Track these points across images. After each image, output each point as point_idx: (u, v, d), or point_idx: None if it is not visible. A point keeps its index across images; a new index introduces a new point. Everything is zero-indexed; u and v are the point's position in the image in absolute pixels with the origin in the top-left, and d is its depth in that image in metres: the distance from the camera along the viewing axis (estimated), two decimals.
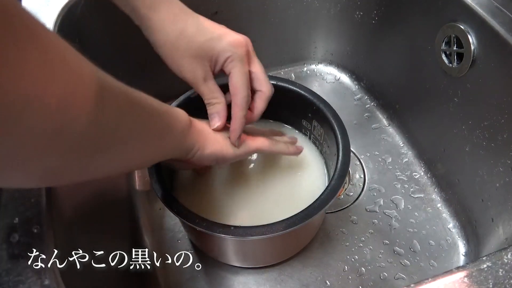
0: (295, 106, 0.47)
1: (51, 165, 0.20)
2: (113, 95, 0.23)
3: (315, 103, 0.45)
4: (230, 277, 0.46)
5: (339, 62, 0.68)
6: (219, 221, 0.36)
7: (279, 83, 0.46)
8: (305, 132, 0.50)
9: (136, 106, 0.27)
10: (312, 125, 0.48)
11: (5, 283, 0.25)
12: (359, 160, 0.58)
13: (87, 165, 0.22)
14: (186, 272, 0.46)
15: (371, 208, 0.53)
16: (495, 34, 0.41)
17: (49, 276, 0.26)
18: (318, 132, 0.47)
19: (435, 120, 0.53)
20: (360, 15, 0.61)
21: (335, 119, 0.43)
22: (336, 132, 0.42)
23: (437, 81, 0.51)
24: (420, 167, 0.57)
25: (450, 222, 0.51)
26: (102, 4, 0.50)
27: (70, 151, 0.20)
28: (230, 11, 0.59)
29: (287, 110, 0.49)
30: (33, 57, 0.16)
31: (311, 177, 0.47)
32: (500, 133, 0.43)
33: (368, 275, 0.47)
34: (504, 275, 0.28)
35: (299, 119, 0.49)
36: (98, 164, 0.23)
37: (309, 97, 0.45)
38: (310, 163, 0.48)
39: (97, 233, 0.40)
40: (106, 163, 0.24)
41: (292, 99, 0.46)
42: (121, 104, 0.24)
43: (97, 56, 0.55)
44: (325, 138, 0.46)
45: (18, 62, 0.15)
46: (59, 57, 0.18)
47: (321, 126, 0.46)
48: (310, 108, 0.46)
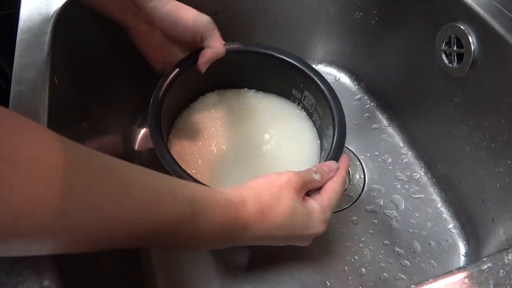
0: (285, 76, 0.48)
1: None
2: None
3: (309, 75, 0.46)
4: (229, 277, 0.46)
5: (339, 62, 0.68)
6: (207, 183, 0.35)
7: (268, 51, 0.47)
8: (293, 100, 0.52)
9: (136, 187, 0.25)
10: (303, 95, 0.49)
11: (4, 283, 0.25)
12: (359, 160, 0.57)
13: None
14: (187, 272, 0.46)
15: (371, 209, 0.53)
16: (496, 34, 0.41)
17: (49, 276, 0.26)
18: (309, 102, 0.49)
19: (435, 120, 0.53)
20: (360, 15, 0.61)
21: (330, 92, 0.45)
22: (331, 105, 0.44)
23: (437, 82, 0.51)
24: (420, 168, 0.57)
25: (451, 222, 0.51)
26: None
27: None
28: (230, 11, 0.59)
29: (276, 78, 0.50)
30: None
31: (304, 146, 0.49)
32: (500, 134, 0.43)
33: (368, 276, 0.47)
34: (504, 276, 0.28)
35: (289, 88, 0.50)
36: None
37: (302, 68, 0.46)
38: (302, 130, 0.50)
39: None
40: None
41: (283, 68, 0.47)
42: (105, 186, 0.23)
43: (94, 56, 0.55)
44: (316, 108, 0.48)
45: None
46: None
47: (313, 96, 0.47)
48: (303, 79, 0.47)
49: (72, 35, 0.47)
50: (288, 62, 0.47)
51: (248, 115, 0.51)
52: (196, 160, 0.46)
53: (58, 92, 0.40)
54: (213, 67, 0.43)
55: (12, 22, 0.46)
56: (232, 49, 0.46)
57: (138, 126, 0.60)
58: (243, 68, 0.50)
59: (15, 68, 0.39)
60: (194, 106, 0.52)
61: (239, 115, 0.51)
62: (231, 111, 0.51)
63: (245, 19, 0.61)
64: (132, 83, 0.57)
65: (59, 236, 0.21)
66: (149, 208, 0.25)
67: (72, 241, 0.22)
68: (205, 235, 0.28)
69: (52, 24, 0.44)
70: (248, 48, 0.47)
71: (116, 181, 0.23)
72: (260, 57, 0.48)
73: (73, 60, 0.47)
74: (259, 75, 0.51)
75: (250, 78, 0.52)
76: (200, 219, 0.27)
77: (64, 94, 0.42)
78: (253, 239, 0.32)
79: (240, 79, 0.52)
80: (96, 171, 0.22)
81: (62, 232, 0.21)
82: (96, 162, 0.23)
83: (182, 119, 0.50)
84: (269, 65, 0.48)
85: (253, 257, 0.48)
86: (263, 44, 0.48)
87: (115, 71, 0.55)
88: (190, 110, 0.51)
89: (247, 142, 0.49)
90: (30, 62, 0.40)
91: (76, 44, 0.48)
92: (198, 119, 0.50)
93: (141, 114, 0.61)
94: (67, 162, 0.20)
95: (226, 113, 0.51)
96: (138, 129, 0.60)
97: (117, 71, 0.55)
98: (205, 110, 0.51)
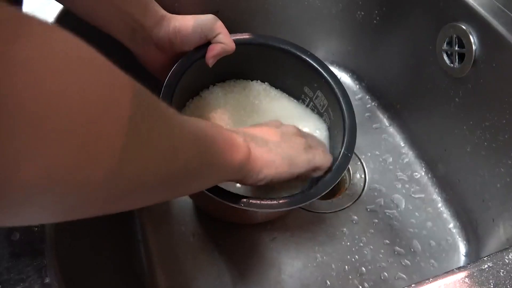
0: (300, 73, 0.48)
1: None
2: (155, 115, 0.20)
3: (326, 77, 0.46)
4: (230, 276, 0.46)
5: (340, 62, 0.68)
6: None
7: (285, 47, 0.47)
8: (304, 98, 0.51)
9: (190, 131, 0.24)
10: (316, 94, 0.49)
11: (6, 281, 0.25)
12: (360, 160, 0.58)
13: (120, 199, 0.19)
14: (187, 271, 0.46)
15: (372, 208, 0.53)
16: (497, 34, 0.41)
17: (50, 274, 0.26)
18: (321, 103, 0.48)
19: (436, 120, 0.53)
20: (362, 15, 0.61)
21: (344, 97, 0.44)
22: (343, 111, 0.44)
23: (438, 81, 0.51)
24: (421, 167, 0.57)
25: (451, 222, 0.51)
26: None
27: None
28: (231, 10, 0.59)
29: (289, 74, 0.50)
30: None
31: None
32: (501, 134, 0.43)
33: (369, 275, 0.47)
34: (505, 276, 0.28)
35: (302, 85, 0.50)
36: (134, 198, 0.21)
37: (319, 68, 0.46)
38: (313, 129, 0.50)
39: (99, 230, 0.40)
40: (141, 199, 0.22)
41: (298, 66, 0.47)
42: (167, 129, 0.21)
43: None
44: (327, 110, 0.48)
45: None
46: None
47: (325, 98, 0.47)
48: (318, 79, 0.47)
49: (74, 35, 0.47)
50: (304, 61, 0.47)
51: (257, 108, 0.51)
52: None
53: None
54: (225, 58, 0.43)
55: None
56: (247, 40, 0.46)
57: None
58: (257, 61, 0.50)
59: None
60: (205, 95, 0.51)
61: (247, 107, 0.51)
62: (240, 103, 0.51)
63: (246, 18, 0.61)
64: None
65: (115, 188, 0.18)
66: (199, 155, 0.25)
67: (129, 193, 0.19)
68: (219, 172, 0.30)
69: (54, 23, 0.44)
70: (263, 41, 0.47)
71: (176, 126, 0.22)
72: (275, 52, 0.47)
73: None
74: (272, 69, 0.51)
75: (263, 71, 0.52)
76: (218, 158, 0.28)
77: None
78: (267, 151, 0.35)
79: (252, 71, 0.52)
80: (160, 113, 0.21)
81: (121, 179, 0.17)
82: (158, 103, 0.21)
83: (190, 108, 0.49)
84: (284, 61, 0.48)
85: (254, 256, 0.48)
86: (279, 39, 0.48)
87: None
88: (200, 99, 0.51)
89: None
90: None
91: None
92: (206, 107, 0.50)
93: None
94: (133, 97, 0.17)
95: (234, 105, 0.51)
96: None
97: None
98: (214, 100, 0.50)
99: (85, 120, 0.14)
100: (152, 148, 0.19)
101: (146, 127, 0.18)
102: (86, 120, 0.15)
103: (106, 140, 0.16)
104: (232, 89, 0.52)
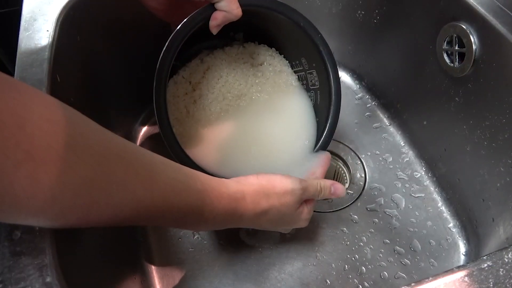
0: (305, 47, 0.49)
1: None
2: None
3: (328, 69, 0.49)
4: (230, 275, 0.46)
5: (340, 61, 0.68)
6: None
7: (293, 16, 0.47)
8: (299, 66, 0.52)
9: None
10: (311, 71, 0.51)
11: (7, 280, 0.25)
12: (360, 159, 0.58)
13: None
14: (187, 270, 0.47)
15: (372, 207, 0.53)
16: (497, 34, 0.41)
17: (51, 273, 0.26)
18: (312, 81, 0.51)
19: (436, 119, 0.53)
20: (362, 14, 0.61)
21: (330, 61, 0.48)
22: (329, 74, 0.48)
23: (439, 81, 0.51)
24: (421, 167, 0.57)
25: (451, 221, 0.52)
26: (104, 3, 0.50)
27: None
28: None
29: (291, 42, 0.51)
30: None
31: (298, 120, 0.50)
32: (501, 133, 0.43)
33: (369, 274, 0.47)
34: (504, 275, 0.28)
35: (300, 57, 0.51)
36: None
37: (326, 59, 0.49)
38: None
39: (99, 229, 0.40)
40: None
41: (298, 35, 0.48)
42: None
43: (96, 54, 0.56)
44: (316, 92, 0.50)
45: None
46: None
47: (318, 80, 0.50)
48: (319, 63, 0.49)
49: (74, 33, 0.47)
50: (315, 44, 0.48)
51: (251, 73, 0.51)
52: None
53: (59, 89, 0.40)
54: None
55: (14, 19, 0.46)
56: (260, 3, 0.44)
57: (140, 124, 0.60)
58: (262, 27, 0.50)
59: (17, 66, 0.40)
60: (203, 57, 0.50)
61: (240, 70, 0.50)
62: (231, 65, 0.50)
63: None
64: (134, 81, 0.57)
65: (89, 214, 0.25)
66: (169, 196, 0.29)
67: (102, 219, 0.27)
68: (208, 221, 0.33)
69: (54, 22, 0.44)
70: (272, 5, 0.45)
71: (146, 168, 0.27)
72: (281, 21, 0.46)
73: (75, 58, 0.47)
74: (273, 34, 0.51)
75: (264, 36, 0.51)
76: (206, 209, 0.32)
77: (65, 92, 0.42)
78: (245, 225, 0.38)
79: (253, 35, 0.52)
80: (130, 158, 0.26)
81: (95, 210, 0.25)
82: (129, 148, 0.27)
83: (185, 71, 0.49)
84: (286, 29, 0.48)
85: (254, 255, 0.48)
86: (289, 7, 0.47)
87: (117, 69, 0.55)
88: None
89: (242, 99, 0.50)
90: (32, 59, 0.40)
91: (78, 41, 0.48)
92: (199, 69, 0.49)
93: (143, 112, 0.61)
94: (105, 147, 0.25)
95: (227, 67, 0.50)
96: (139, 127, 0.60)
97: (119, 69, 0.55)
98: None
99: None
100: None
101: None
102: None
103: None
104: (229, 53, 0.51)
